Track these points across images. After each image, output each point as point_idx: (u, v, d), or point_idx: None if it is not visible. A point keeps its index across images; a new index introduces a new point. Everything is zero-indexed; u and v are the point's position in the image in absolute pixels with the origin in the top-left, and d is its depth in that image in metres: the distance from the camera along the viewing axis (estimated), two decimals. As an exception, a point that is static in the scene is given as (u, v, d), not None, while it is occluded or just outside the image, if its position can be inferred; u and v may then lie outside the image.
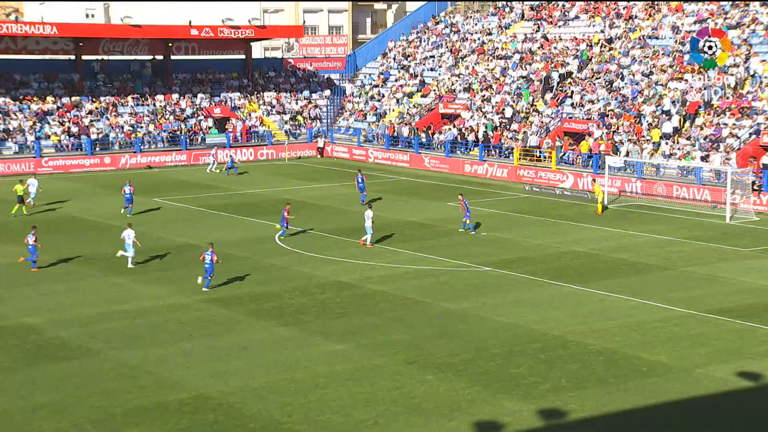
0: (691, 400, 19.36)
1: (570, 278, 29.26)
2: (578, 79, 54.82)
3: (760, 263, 30.90)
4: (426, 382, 20.63)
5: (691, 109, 46.77)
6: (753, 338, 23.03)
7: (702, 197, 41.45)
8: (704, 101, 46.79)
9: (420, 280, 29.69)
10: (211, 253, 28.12)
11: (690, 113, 46.64)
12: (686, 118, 46.57)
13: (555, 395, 19.75)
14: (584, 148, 47.28)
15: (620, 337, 23.37)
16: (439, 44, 67.19)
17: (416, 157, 55.87)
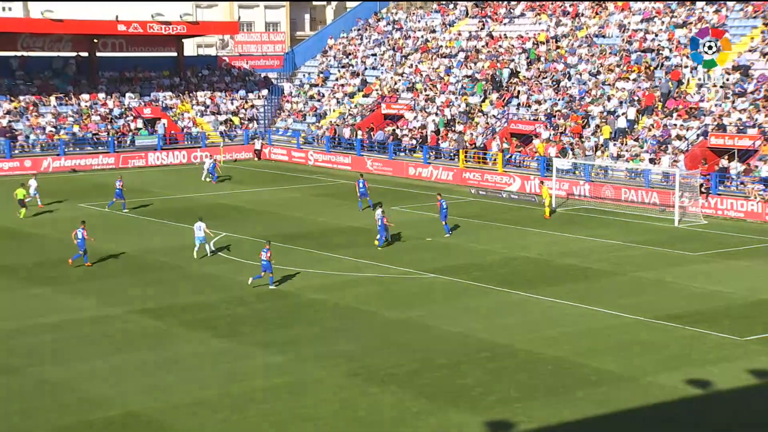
0: (640, 409, 19.72)
1: (518, 285, 29.58)
2: (525, 78, 55.52)
3: (709, 268, 31.65)
4: (369, 395, 20.62)
5: (649, 101, 47.64)
6: (702, 345, 23.57)
7: (650, 200, 42.31)
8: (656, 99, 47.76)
9: (362, 288, 29.70)
10: (266, 251, 28.89)
11: (648, 105, 47.51)
12: (643, 112, 47.36)
13: (503, 406, 19.93)
14: (541, 150, 47.81)
15: (569, 345, 23.70)
16: (381, 42, 67.40)
17: (358, 160, 55.92)
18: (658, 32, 53.05)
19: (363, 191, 42.53)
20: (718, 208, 40.37)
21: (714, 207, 40.43)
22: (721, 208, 40.31)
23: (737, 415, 19.42)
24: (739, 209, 39.77)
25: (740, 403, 20.03)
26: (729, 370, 21.64)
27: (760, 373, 21.41)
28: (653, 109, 47.58)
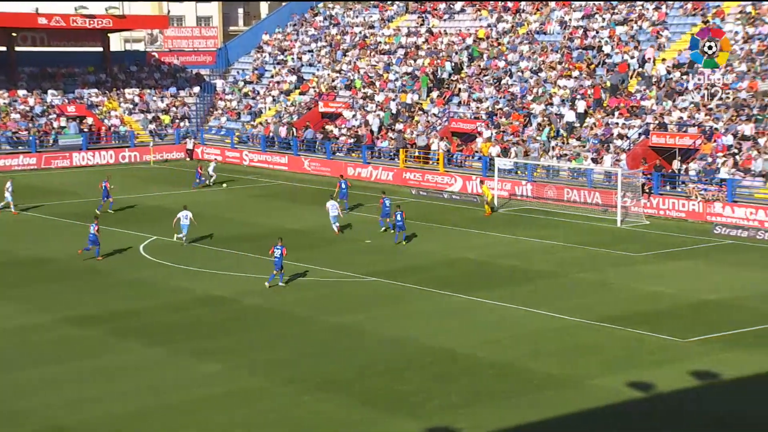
0: (583, 413, 20.18)
1: (460, 287, 29.97)
2: (465, 76, 56.12)
3: (651, 269, 32.47)
4: (308, 403, 20.73)
5: (596, 94, 48.56)
6: (644, 347, 24.20)
7: (593, 200, 43.16)
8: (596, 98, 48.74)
9: (301, 293, 29.77)
10: (281, 248, 29.39)
11: (596, 98, 48.43)
12: (594, 105, 48.23)
13: (445, 412, 20.21)
14: (485, 150, 48.36)
15: (512, 349, 24.12)
16: (318, 38, 67.43)
17: (295, 160, 55.89)
18: (599, 29, 54.11)
19: (344, 192, 42.28)
20: (660, 208, 41.39)
21: (656, 207, 41.43)
22: (663, 208, 41.33)
23: (679, 417, 20.01)
24: (680, 209, 40.84)
25: (682, 405, 20.63)
26: (671, 372, 22.27)
27: (702, 374, 22.09)
28: (601, 102, 48.54)
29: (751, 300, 28.29)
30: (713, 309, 27.51)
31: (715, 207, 39.69)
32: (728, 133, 42.61)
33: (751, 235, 36.99)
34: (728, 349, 23.81)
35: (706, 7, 51.56)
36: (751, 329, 25.48)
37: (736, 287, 29.72)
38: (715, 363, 22.78)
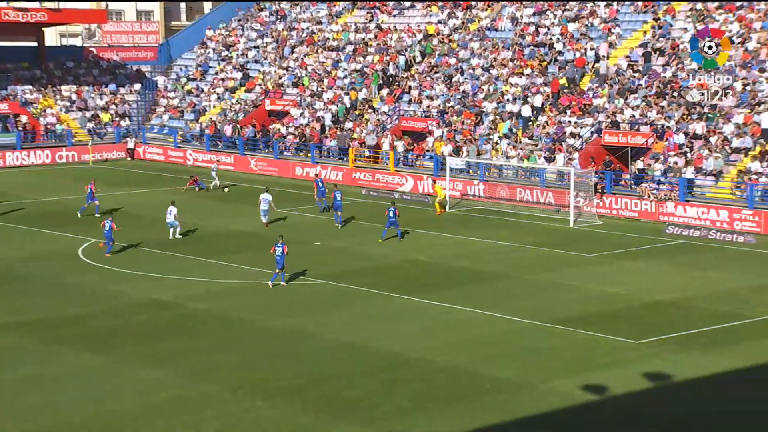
0: (536, 417, 20.38)
1: (411, 290, 30.07)
2: (416, 73, 56.31)
3: (604, 269, 32.91)
4: (255, 410, 20.64)
5: (554, 88, 49.08)
6: (597, 348, 24.53)
7: (546, 200, 43.62)
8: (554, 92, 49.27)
9: (248, 297, 29.63)
10: (281, 245, 29.73)
11: (554, 92, 48.96)
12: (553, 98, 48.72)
13: (396, 418, 20.26)
14: (438, 149, 48.57)
15: (464, 353, 24.27)
16: (264, 33, 67.13)
17: (241, 159, 55.58)
18: (550, 26, 54.71)
19: (322, 190, 42.02)
20: (612, 208, 41.97)
21: (609, 207, 42.00)
22: (615, 208, 41.92)
23: (632, 419, 20.31)
24: (633, 209, 41.46)
25: (635, 407, 20.94)
26: (624, 374, 22.59)
27: (655, 376, 22.45)
28: (559, 96, 49.08)
29: (703, 300, 28.83)
30: (666, 310, 27.97)
31: (668, 206, 40.37)
32: (680, 131, 43.36)
33: (703, 235, 37.69)
34: (681, 350, 24.23)
35: (657, 4, 52.42)
36: (703, 330, 25.96)
37: (688, 287, 30.25)
38: (668, 364, 23.16)
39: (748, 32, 47.13)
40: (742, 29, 47.50)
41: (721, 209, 39.06)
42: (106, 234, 34.14)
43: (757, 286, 30.49)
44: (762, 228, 37.73)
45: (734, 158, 41.30)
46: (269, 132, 56.45)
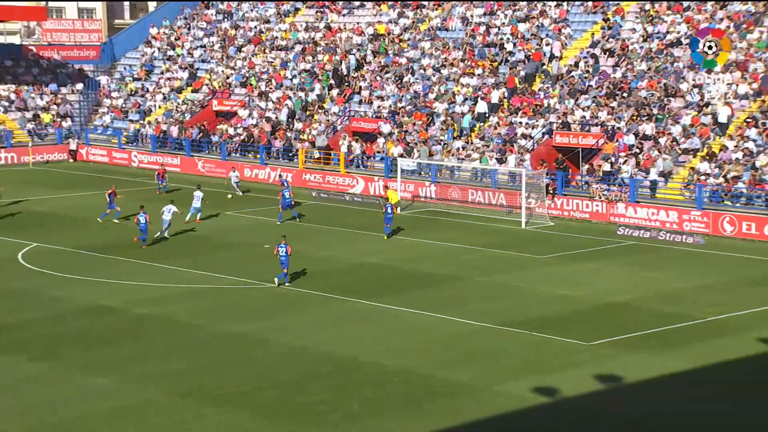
0: (488, 420, 20.61)
1: (363, 293, 30.16)
2: (366, 73, 56.42)
3: (556, 270, 33.34)
4: (203, 417, 20.57)
5: (510, 83, 49.54)
6: (549, 351, 24.86)
7: (497, 201, 44.02)
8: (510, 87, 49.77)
9: (196, 301, 29.48)
10: (285, 246, 30.14)
11: (510, 87, 49.41)
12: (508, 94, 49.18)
13: (348, 423, 20.35)
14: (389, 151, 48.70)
15: (417, 356, 24.43)
16: (210, 32, 66.73)
17: (188, 161, 55.21)
18: (501, 26, 55.21)
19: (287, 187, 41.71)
20: (564, 209, 42.49)
21: (560, 208, 42.51)
22: (567, 209, 42.45)
23: (585, 421, 20.62)
24: (584, 210, 42.03)
25: (588, 409, 21.27)
26: (576, 375, 22.93)
27: (607, 377, 22.82)
28: (513, 92, 49.58)
29: (653, 301, 29.35)
30: (617, 311, 28.43)
31: (618, 208, 41.00)
32: (630, 132, 44.06)
33: (653, 236, 38.35)
34: (632, 352, 24.65)
35: (607, 5, 53.20)
36: (653, 331, 26.44)
37: (639, 289, 30.77)
38: (620, 365, 23.56)
39: (695, 33, 48.04)
40: (690, 30, 48.42)
41: (670, 210, 39.78)
42: (142, 227, 35.65)
43: (705, 286, 31.13)
44: (710, 229, 38.52)
45: (683, 159, 42.08)
46: (215, 133, 56.13)
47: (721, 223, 38.44)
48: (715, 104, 43.49)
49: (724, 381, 22.94)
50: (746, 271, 32.99)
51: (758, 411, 21.10)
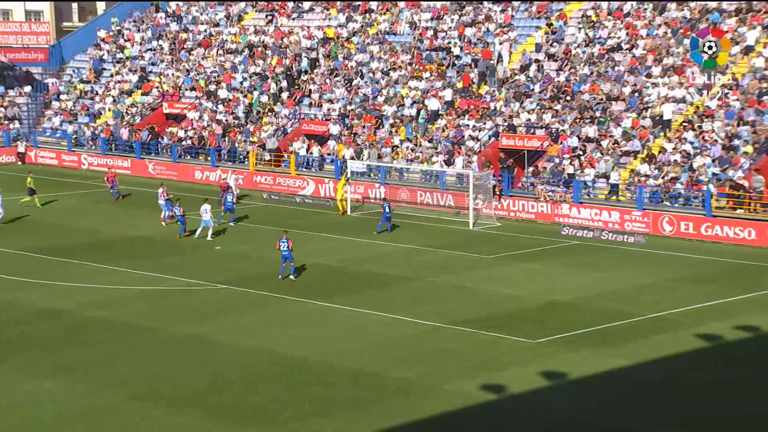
0: (437, 418, 20.73)
1: (314, 294, 30.14)
2: (317, 76, 56.35)
3: (503, 270, 33.64)
4: (152, 419, 20.41)
5: (465, 82, 49.80)
6: (497, 349, 25.08)
7: (446, 203, 44.27)
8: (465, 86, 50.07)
9: (147, 303, 29.22)
10: (286, 241, 30.90)
11: (465, 86, 49.68)
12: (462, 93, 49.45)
13: (298, 423, 20.34)
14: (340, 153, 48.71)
15: (367, 356, 24.49)
16: (159, 35, 66.11)
17: (138, 163, 54.65)
18: (448, 30, 55.53)
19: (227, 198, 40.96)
20: (510, 210, 42.87)
21: (507, 209, 42.88)
22: (513, 210, 42.84)
23: (529, 417, 20.86)
24: (530, 210, 42.45)
25: (532, 405, 21.52)
26: (522, 373, 23.17)
27: (551, 374, 23.10)
28: (469, 90, 49.87)
29: (596, 300, 29.76)
30: (562, 310, 28.78)
31: (563, 208, 41.48)
32: (573, 135, 44.61)
33: (596, 236, 38.87)
34: (576, 349, 24.98)
35: (550, 10, 53.79)
36: (596, 328, 26.81)
37: (582, 287, 31.17)
38: (564, 363, 23.86)
39: (635, 39, 48.82)
40: (629, 36, 49.17)
41: (612, 210, 40.35)
42: (181, 219, 37.54)
43: (646, 284, 31.64)
44: (650, 228, 39.16)
45: (624, 161, 42.72)
46: (165, 135, 55.67)
47: (660, 223, 39.10)
48: (654, 107, 44.21)
49: (664, 376, 23.33)
50: (684, 270, 33.61)
51: (693, 405, 21.51)
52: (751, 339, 25.96)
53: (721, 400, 21.63)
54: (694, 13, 48.80)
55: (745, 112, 41.80)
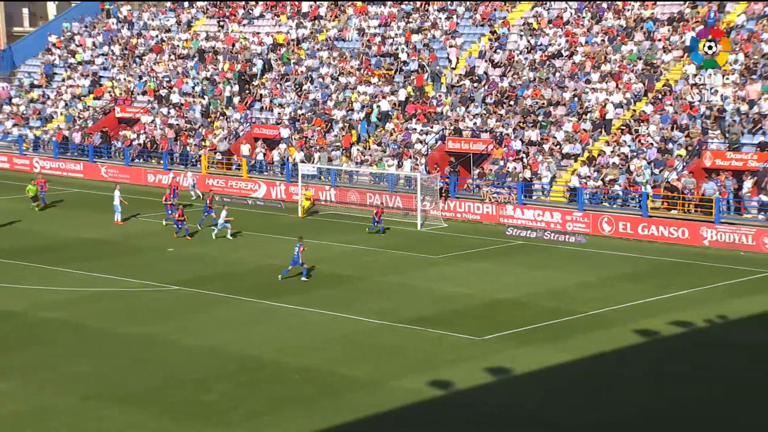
0: (385, 414, 20.86)
1: (266, 294, 30.09)
2: (268, 81, 56.19)
3: (450, 270, 33.90)
4: (106, 419, 20.24)
5: (418, 81, 49.95)
6: (443, 346, 25.27)
7: (394, 204, 44.48)
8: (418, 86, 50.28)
9: (100, 304, 28.93)
10: (298, 246, 31.56)
11: (418, 86, 49.86)
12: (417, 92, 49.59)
13: (251, 420, 20.32)
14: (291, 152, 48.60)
15: (318, 354, 24.53)
16: (111, 40, 65.37)
17: (91, 167, 53.97)
18: (395, 37, 55.75)
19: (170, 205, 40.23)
20: (456, 211, 43.18)
21: (453, 210, 43.19)
22: (459, 211, 43.16)
23: (474, 412, 21.08)
24: (475, 212, 42.81)
25: (478, 401, 21.74)
26: (468, 369, 23.39)
27: (496, 370, 23.36)
28: (421, 89, 50.10)
29: (539, 297, 30.14)
30: (506, 307, 29.10)
31: (507, 209, 41.91)
32: (517, 138, 45.09)
33: (538, 236, 39.35)
34: (519, 345, 25.29)
35: (494, 17, 54.29)
36: (540, 325, 27.16)
37: (526, 286, 31.55)
38: (508, 359, 24.14)
39: (574, 47, 49.50)
40: (569, 44, 49.85)
41: (554, 211, 40.88)
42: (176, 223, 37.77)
43: (586, 283, 32.13)
44: (590, 228, 39.74)
45: (565, 163, 43.29)
46: (118, 139, 55.09)
47: (600, 223, 39.71)
48: (593, 111, 44.87)
49: (603, 372, 23.73)
50: (623, 268, 34.18)
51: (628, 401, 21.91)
52: (685, 334, 26.52)
53: (655, 395, 22.04)
54: (629, 22, 49.64)
55: (679, 116, 42.62)
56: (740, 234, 36.76)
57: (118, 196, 40.89)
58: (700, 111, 42.45)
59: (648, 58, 46.68)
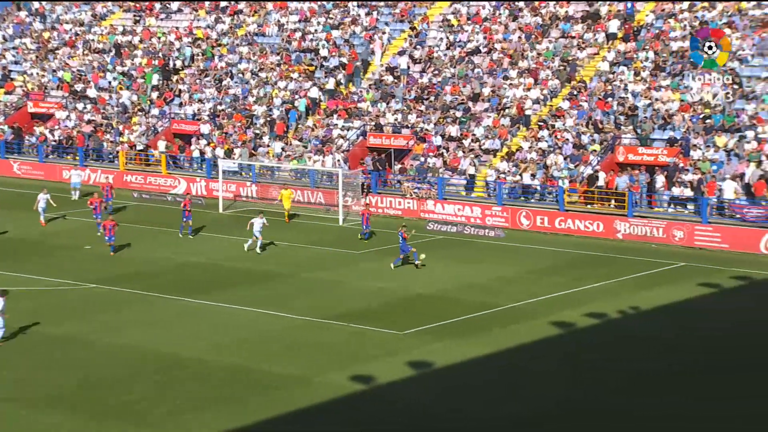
0: (308, 409, 20.99)
1: (187, 291, 29.89)
2: (187, 76, 55.61)
3: (372, 266, 34.15)
4: (19, 419, 19.95)
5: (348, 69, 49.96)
6: (366, 341, 25.52)
7: (316, 200, 44.55)
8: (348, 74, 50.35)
9: (16, 304, 28.23)
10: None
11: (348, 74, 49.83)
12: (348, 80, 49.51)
13: (172, 419, 20.23)
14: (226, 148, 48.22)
15: (241, 351, 24.52)
16: (22, 34, 63.75)
17: (2, 163, 52.65)
18: (315, 32, 55.75)
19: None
20: (378, 207, 43.49)
21: (375, 205, 43.48)
22: (381, 206, 43.48)
23: (394, 405, 21.35)
24: (397, 207, 43.20)
25: (398, 394, 22.02)
26: (390, 363, 23.66)
27: (417, 364, 23.70)
28: (351, 78, 50.16)
29: (459, 291, 30.63)
30: (427, 302, 29.50)
31: (428, 204, 42.39)
32: (437, 134, 45.62)
33: (459, 231, 39.92)
34: (440, 339, 25.70)
35: (413, 14, 54.74)
36: (459, 319, 27.62)
37: (447, 280, 32.01)
38: (428, 353, 24.51)
39: (492, 43, 50.28)
40: (487, 40, 50.60)
41: (474, 206, 41.51)
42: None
43: (506, 276, 32.77)
44: (510, 223, 40.50)
45: (485, 159, 43.99)
46: (32, 134, 53.84)
47: (518, 217, 40.50)
48: (511, 107, 45.68)
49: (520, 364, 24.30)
50: (540, 262, 34.94)
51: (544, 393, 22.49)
52: (600, 325, 27.31)
53: (570, 387, 22.65)
54: (545, 19, 50.64)
55: (594, 112, 43.70)
56: (651, 227, 37.96)
57: (45, 199, 39.16)
58: (612, 107, 43.61)
59: (564, 55, 47.73)
